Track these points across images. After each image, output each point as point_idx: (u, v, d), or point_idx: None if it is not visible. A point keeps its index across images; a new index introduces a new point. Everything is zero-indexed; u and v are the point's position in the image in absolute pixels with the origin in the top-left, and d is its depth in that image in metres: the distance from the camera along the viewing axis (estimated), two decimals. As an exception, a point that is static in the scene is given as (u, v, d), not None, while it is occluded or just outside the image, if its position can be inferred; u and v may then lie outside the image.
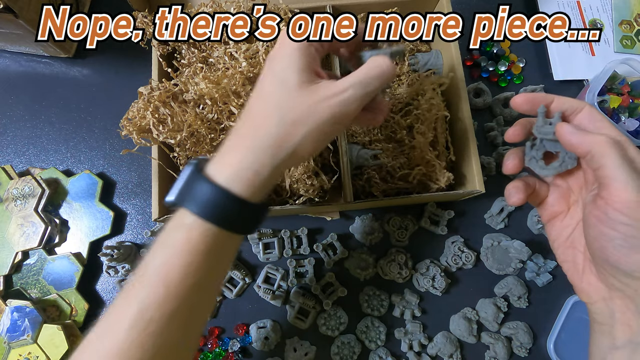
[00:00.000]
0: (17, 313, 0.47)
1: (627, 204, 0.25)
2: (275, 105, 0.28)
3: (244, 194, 0.27)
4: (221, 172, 0.27)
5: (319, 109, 0.28)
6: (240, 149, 0.28)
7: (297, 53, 0.29)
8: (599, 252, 0.27)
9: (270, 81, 0.29)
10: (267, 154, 0.27)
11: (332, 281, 0.51)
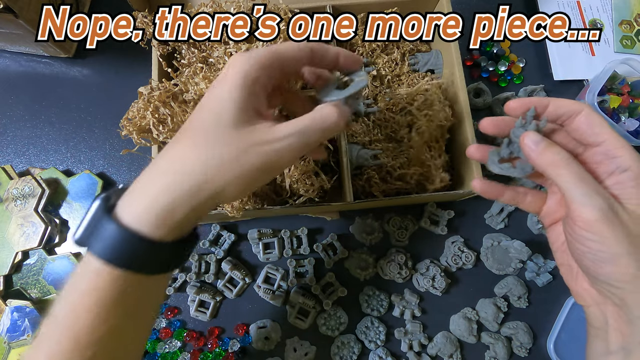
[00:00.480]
0: (17, 313, 0.47)
1: (588, 222, 0.25)
2: (203, 142, 0.26)
3: (155, 235, 0.24)
4: (131, 211, 0.25)
5: (249, 155, 0.26)
6: (155, 186, 0.25)
7: (238, 91, 0.26)
8: (579, 263, 0.28)
9: (205, 115, 0.27)
10: (185, 196, 0.25)
11: (332, 281, 0.51)
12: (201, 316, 0.50)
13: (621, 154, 0.26)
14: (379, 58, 0.52)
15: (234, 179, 0.26)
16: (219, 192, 0.26)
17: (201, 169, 0.25)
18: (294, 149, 0.26)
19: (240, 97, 0.26)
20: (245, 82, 0.26)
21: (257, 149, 0.26)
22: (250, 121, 0.26)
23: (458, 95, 0.49)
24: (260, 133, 0.26)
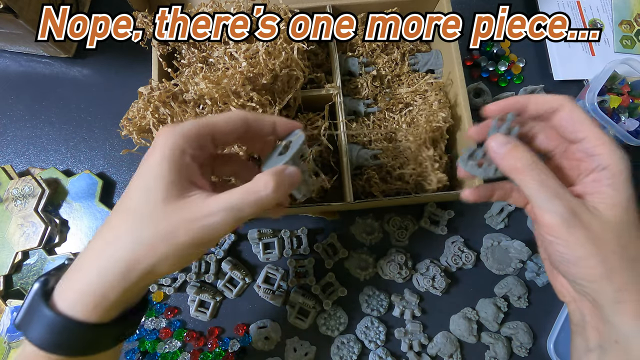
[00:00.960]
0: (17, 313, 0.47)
1: (550, 227, 0.25)
2: (133, 222, 0.26)
3: (91, 318, 0.25)
4: (66, 296, 0.25)
5: (179, 233, 0.25)
6: (88, 269, 0.25)
7: (168, 164, 0.26)
8: (551, 262, 0.28)
9: (134, 193, 0.27)
10: (117, 277, 0.25)
11: (332, 281, 0.51)
12: (201, 316, 0.50)
13: (600, 152, 0.26)
14: (379, 58, 0.52)
15: (165, 257, 0.25)
16: (150, 271, 0.25)
17: (131, 250, 0.25)
18: (225, 223, 0.26)
19: (168, 170, 0.26)
20: (172, 155, 0.26)
21: (187, 226, 0.25)
22: (181, 194, 0.26)
23: (458, 95, 0.49)
24: (192, 208, 0.26)
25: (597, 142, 0.26)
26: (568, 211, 0.24)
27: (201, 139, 0.28)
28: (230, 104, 0.39)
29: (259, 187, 0.26)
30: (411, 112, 0.51)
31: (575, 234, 0.24)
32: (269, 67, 0.40)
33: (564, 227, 0.25)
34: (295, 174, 0.29)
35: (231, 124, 0.29)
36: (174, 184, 0.26)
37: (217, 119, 0.29)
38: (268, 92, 0.42)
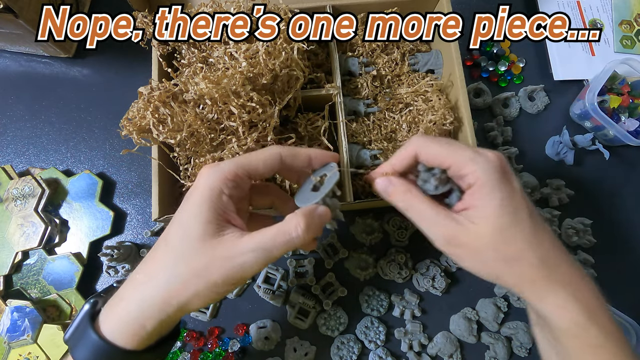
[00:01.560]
0: (17, 313, 0.47)
1: (439, 247, 0.30)
2: (171, 258, 0.28)
3: (129, 345, 0.27)
4: (108, 322, 0.28)
5: (213, 269, 0.27)
6: (129, 300, 0.28)
7: (207, 204, 0.28)
8: None
9: (175, 229, 0.29)
10: (154, 309, 0.27)
11: (332, 281, 0.51)
12: (201, 316, 0.50)
13: (465, 172, 0.28)
14: (379, 58, 0.52)
15: (197, 293, 0.27)
16: (183, 306, 0.27)
17: (166, 285, 0.27)
18: (256, 263, 0.27)
19: (206, 210, 0.28)
20: (211, 196, 0.28)
21: (220, 264, 0.27)
22: (217, 232, 0.28)
23: (458, 95, 0.49)
24: (225, 246, 0.27)
25: (460, 166, 0.28)
26: (445, 237, 0.29)
27: (238, 178, 0.30)
28: (230, 104, 0.39)
29: (289, 229, 0.28)
30: (411, 112, 0.51)
31: (457, 252, 0.29)
32: (269, 67, 0.40)
33: (447, 248, 0.29)
34: (325, 215, 0.30)
35: (268, 165, 0.31)
36: (211, 223, 0.28)
37: (254, 160, 0.31)
38: (268, 92, 0.42)
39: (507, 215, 0.27)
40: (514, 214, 0.28)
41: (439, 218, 0.29)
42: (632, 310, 0.51)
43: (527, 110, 0.59)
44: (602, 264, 0.53)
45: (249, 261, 0.27)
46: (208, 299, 0.28)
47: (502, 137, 0.56)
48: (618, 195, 0.56)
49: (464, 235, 0.28)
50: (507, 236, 0.28)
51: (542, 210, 0.54)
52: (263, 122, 0.41)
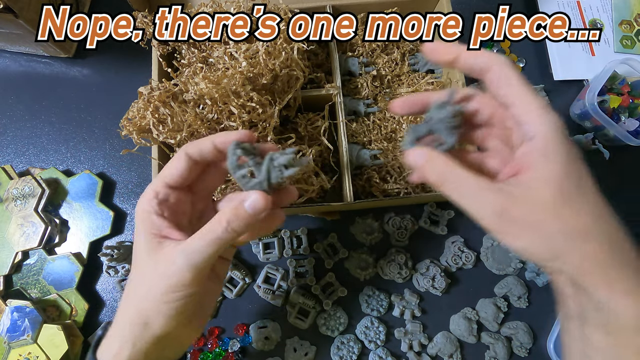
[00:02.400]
0: (17, 313, 0.47)
1: (488, 229, 0.25)
2: (132, 281, 0.29)
3: None
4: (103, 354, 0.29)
5: (157, 286, 0.27)
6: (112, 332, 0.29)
7: (140, 228, 0.29)
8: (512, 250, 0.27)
9: (132, 258, 0.30)
10: (126, 331, 0.28)
11: (332, 281, 0.51)
12: (201, 316, 0.50)
13: (528, 120, 0.24)
14: (379, 58, 0.52)
15: (157, 313, 0.27)
16: (154, 330, 0.28)
17: (132, 307, 0.28)
18: (188, 268, 0.27)
19: (141, 234, 0.29)
20: (142, 219, 0.29)
21: (160, 279, 0.27)
22: (156, 250, 0.28)
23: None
24: (163, 259, 0.28)
25: (524, 109, 0.24)
26: (496, 213, 0.24)
27: (161, 194, 0.30)
28: (230, 104, 0.39)
29: (214, 226, 0.27)
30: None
31: (510, 230, 0.24)
32: (269, 67, 0.40)
33: (499, 227, 0.24)
34: (258, 203, 0.27)
35: (180, 168, 0.30)
36: (147, 243, 0.28)
37: (167, 169, 0.30)
38: (268, 92, 0.42)
39: (574, 179, 0.23)
40: (580, 179, 0.23)
41: (485, 190, 0.24)
42: (632, 310, 0.51)
43: (527, 110, 0.59)
44: (602, 264, 0.53)
45: (179, 269, 0.27)
46: (176, 319, 0.28)
47: (502, 137, 0.56)
48: (618, 195, 0.56)
49: (520, 206, 0.23)
50: (573, 205, 0.23)
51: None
52: (263, 122, 0.41)
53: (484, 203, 0.24)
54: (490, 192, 0.24)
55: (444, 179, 0.26)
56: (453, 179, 0.25)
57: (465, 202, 0.25)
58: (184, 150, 0.30)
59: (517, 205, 0.23)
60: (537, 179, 0.23)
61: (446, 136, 0.27)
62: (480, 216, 0.24)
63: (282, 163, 0.27)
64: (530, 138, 0.24)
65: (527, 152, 0.24)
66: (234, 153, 0.28)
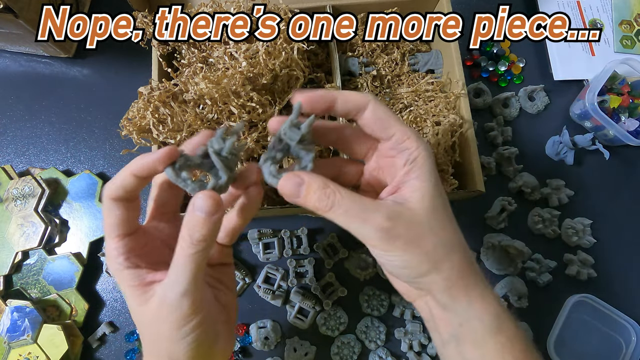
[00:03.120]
0: (17, 313, 0.47)
1: (371, 247, 0.26)
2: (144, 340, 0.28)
3: None
4: None
5: (160, 329, 0.26)
6: None
7: (121, 285, 0.27)
8: (386, 269, 0.29)
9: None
10: None
11: (332, 281, 0.51)
12: (201, 316, 0.50)
13: (408, 146, 0.27)
14: (379, 58, 0.52)
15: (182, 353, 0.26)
16: None
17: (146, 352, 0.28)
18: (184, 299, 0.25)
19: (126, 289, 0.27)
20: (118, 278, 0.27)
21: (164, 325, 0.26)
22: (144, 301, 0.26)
23: (458, 95, 0.49)
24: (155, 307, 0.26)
25: (404, 136, 0.27)
26: (380, 230, 0.25)
27: (120, 249, 0.27)
28: (230, 104, 0.39)
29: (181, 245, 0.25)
30: (412, 112, 0.51)
31: (395, 244, 0.25)
32: (269, 67, 0.40)
33: (384, 243, 0.25)
34: (205, 204, 0.24)
35: (113, 216, 0.27)
36: (134, 298, 0.26)
37: (106, 227, 0.27)
38: (268, 92, 0.42)
39: (440, 197, 0.26)
40: (444, 198, 0.27)
41: (371, 210, 0.25)
42: (632, 310, 0.51)
43: (527, 110, 0.59)
44: (602, 264, 0.53)
45: (174, 300, 0.25)
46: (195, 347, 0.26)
47: (502, 137, 0.56)
48: (618, 195, 0.56)
49: (402, 222, 0.25)
50: (441, 219, 0.26)
51: (542, 210, 0.54)
52: (263, 122, 0.41)
53: (371, 223, 0.25)
54: (376, 211, 0.25)
55: (329, 204, 0.25)
56: (337, 202, 0.25)
57: (353, 225, 0.25)
58: (108, 197, 0.26)
59: (400, 221, 0.25)
60: (415, 196, 0.26)
61: (304, 156, 0.26)
62: (368, 236, 0.25)
63: (216, 148, 0.25)
64: (412, 160, 0.26)
65: (408, 171, 0.27)
66: (174, 177, 0.25)
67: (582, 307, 0.51)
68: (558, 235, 0.54)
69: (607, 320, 0.51)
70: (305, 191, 0.25)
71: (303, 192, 0.25)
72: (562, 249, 0.54)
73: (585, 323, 0.51)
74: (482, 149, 0.55)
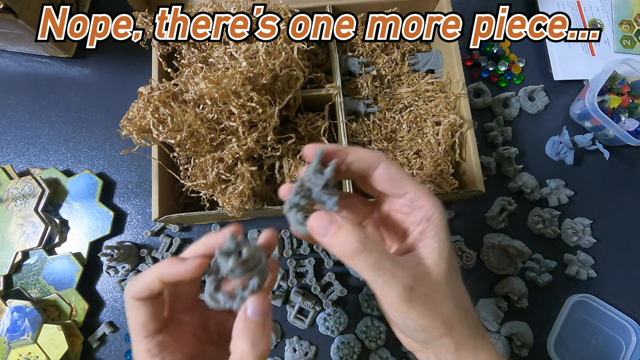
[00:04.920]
0: (17, 313, 0.47)
1: (392, 306, 0.24)
2: None
3: None
4: None
5: None
6: None
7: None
8: (399, 328, 0.28)
9: None
10: None
11: (332, 281, 0.51)
12: (201, 316, 0.50)
13: (423, 204, 0.26)
14: (379, 58, 0.52)
15: None
16: None
17: None
18: None
19: None
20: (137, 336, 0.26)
21: None
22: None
23: (458, 95, 0.49)
24: None
25: (420, 194, 0.26)
26: (406, 289, 0.23)
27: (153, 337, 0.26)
28: (230, 104, 0.39)
29: None
30: (412, 112, 0.51)
31: (417, 308, 0.24)
32: (269, 67, 0.40)
33: (406, 305, 0.24)
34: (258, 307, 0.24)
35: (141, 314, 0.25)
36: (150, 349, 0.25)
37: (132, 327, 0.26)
38: (268, 92, 0.42)
39: (454, 258, 0.26)
40: (454, 257, 0.26)
41: (398, 268, 0.23)
42: (632, 310, 0.51)
43: (527, 110, 0.59)
44: (602, 264, 0.53)
45: None
46: None
47: (502, 137, 0.56)
48: (618, 195, 0.56)
49: (425, 284, 0.24)
50: (456, 283, 0.26)
51: (542, 210, 0.54)
52: (263, 122, 0.41)
53: (399, 279, 0.23)
54: (405, 268, 0.24)
55: (357, 251, 0.23)
56: (367, 252, 0.24)
57: (381, 278, 0.24)
58: (131, 297, 0.25)
59: (423, 282, 0.24)
60: (432, 256, 0.25)
61: (327, 200, 0.26)
62: (391, 293, 0.24)
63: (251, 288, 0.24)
64: (427, 219, 0.26)
65: (423, 231, 0.26)
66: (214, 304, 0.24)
67: (582, 307, 0.51)
68: (558, 235, 0.54)
69: (607, 320, 0.51)
70: (335, 230, 0.24)
71: (333, 230, 0.24)
72: (562, 249, 0.54)
73: (585, 323, 0.51)
74: (482, 149, 0.55)
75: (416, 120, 0.50)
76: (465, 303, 0.27)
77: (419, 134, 0.50)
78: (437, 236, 0.26)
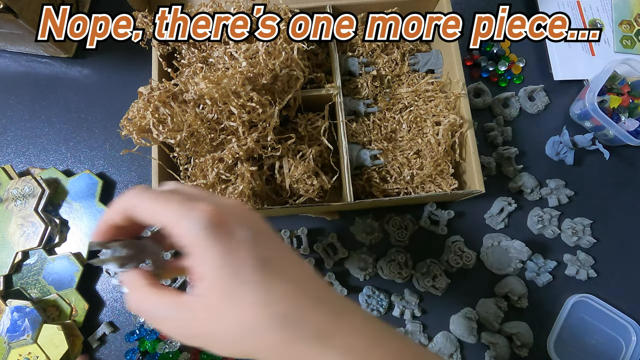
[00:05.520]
0: (17, 313, 0.47)
1: None
2: None
3: None
4: None
5: None
6: None
7: None
8: None
9: None
10: None
11: (332, 281, 0.51)
12: (201, 316, 0.50)
13: (177, 231, 0.23)
14: (379, 58, 0.52)
15: None
16: None
17: None
18: None
19: None
20: None
21: None
22: None
23: (458, 95, 0.49)
24: None
25: (172, 224, 0.24)
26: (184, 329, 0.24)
27: None
28: (230, 104, 0.39)
29: None
30: (412, 112, 0.51)
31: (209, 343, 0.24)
32: (269, 67, 0.40)
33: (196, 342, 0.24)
34: None
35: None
36: None
37: None
38: (268, 92, 0.42)
39: (229, 276, 0.22)
40: (236, 274, 0.22)
41: (165, 306, 0.23)
42: (632, 310, 0.51)
43: (527, 110, 0.59)
44: (602, 264, 0.53)
45: None
46: None
47: (502, 137, 0.56)
48: (618, 195, 0.56)
49: (201, 320, 0.23)
50: (237, 303, 0.22)
51: (542, 210, 0.54)
52: (263, 122, 0.41)
53: (171, 322, 0.24)
54: (171, 306, 0.23)
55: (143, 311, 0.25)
56: (141, 300, 0.24)
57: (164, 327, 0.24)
58: None
59: (199, 317, 0.23)
60: (203, 286, 0.23)
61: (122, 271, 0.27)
62: (179, 338, 0.24)
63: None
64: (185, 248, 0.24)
65: (186, 259, 0.24)
66: None
67: (582, 307, 0.51)
68: (558, 235, 0.54)
69: (607, 320, 0.51)
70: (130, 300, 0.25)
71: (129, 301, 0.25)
72: (562, 249, 0.54)
73: (585, 323, 0.51)
74: (482, 149, 0.55)
75: (416, 120, 0.50)
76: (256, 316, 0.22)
77: (419, 134, 0.50)
78: (200, 261, 0.23)
